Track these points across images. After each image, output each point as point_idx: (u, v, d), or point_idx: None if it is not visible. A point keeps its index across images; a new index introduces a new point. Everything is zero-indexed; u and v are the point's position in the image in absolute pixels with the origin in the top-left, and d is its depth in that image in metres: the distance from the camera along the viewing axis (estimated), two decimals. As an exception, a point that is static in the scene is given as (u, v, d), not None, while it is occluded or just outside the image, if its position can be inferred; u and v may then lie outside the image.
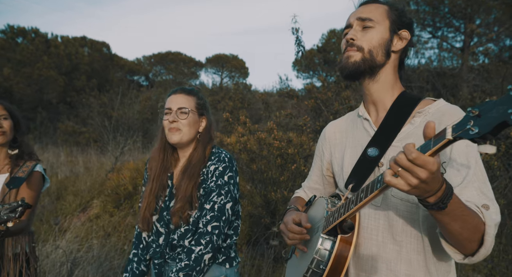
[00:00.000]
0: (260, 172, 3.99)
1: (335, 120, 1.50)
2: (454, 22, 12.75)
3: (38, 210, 6.48)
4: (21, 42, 21.87)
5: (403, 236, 1.14)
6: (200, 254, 1.55)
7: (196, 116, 1.75)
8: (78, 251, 4.02)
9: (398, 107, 1.23)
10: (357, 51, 1.22)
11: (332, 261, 1.10)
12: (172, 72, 29.00)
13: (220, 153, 1.72)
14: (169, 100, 1.76)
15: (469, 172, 1.04)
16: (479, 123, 0.70)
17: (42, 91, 20.25)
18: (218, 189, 1.63)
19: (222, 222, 1.61)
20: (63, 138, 13.26)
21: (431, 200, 0.88)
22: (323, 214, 1.22)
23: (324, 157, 1.45)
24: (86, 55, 23.67)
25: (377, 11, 1.24)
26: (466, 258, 0.99)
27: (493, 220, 0.97)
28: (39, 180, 2.01)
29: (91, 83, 21.75)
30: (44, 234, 4.71)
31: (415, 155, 0.80)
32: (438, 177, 0.84)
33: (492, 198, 1.03)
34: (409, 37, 1.25)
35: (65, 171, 9.15)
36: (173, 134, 1.70)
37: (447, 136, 0.76)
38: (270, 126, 3.77)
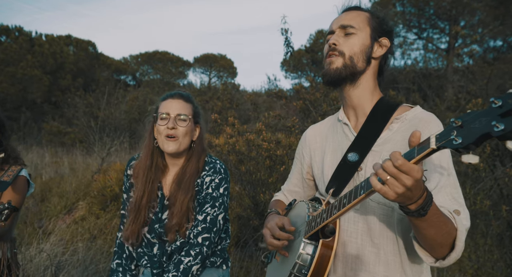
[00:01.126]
0: (248, 173, 3.97)
1: (316, 123, 1.52)
2: (439, 24, 12.98)
3: (22, 212, 6.34)
4: (4, 41, 21.39)
5: (381, 239, 1.17)
6: (188, 266, 1.52)
7: (193, 124, 1.68)
8: (63, 255, 3.93)
9: (377, 113, 1.25)
10: (339, 56, 1.24)
11: (314, 265, 1.11)
12: (159, 72, 28.78)
13: (215, 163, 1.68)
14: (166, 104, 1.65)
15: (441, 177, 1.08)
16: (462, 133, 0.72)
17: (26, 91, 19.85)
18: (212, 201, 1.60)
19: (213, 233, 1.59)
20: (48, 139, 13.01)
21: (412, 207, 0.90)
22: (305, 218, 1.23)
23: (304, 161, 1.46)
24: (71, 54, 23.29)
25: (358, 18, 1.26)
26: (437, 262, 1.03)
27: (464, 226, 1.01)
28: (24, 185, 1.96)
29: (77, 83, 21.40)
30: (28, 237, 4.60)
31: (401, 162, 0.82)
32: (421, 185, 0.87)
33: (463, 204, 1.07)
34: (389, 44, 1.27)
35: (49, 172, 8.98)
36: (170, 143, 1.61)
37: (431, 145, 0.78)
38: (258, 127, 3.76)
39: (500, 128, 0.65)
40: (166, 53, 29.29)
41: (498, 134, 0.66)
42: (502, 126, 0.65)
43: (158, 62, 28.86)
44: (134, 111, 11.80)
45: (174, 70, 29.38)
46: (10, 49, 20.19)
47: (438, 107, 6.43)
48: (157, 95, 14.83)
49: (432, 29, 13.72)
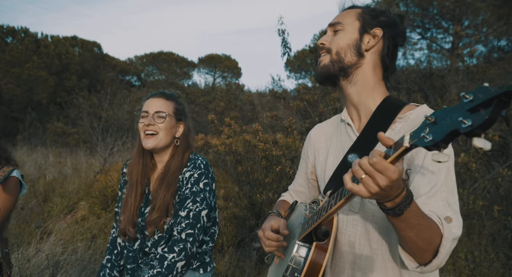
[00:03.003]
0: (246, 173, 3.99)
1: (321, 123, 1.48)
2: (443, 24, 12.89)
3: (25, 212, 6.41)
4: (11, 42, 21.62)
5: (379, 244, 1.13)
6: (173, 262, 1.53)
7: (174, 121, 1.71)
8: (61, 254, 3.98)
9: (381, 112, 1.20)
10: (326, 54, 1.24)
11: (307, 269, 1.08)
12: (164, 72, 28.89)
13: (196, 159, 1.69)
14: (147, 103, 1.71)
15: (438, 181, 1.03)
16: (433, 130, 0.68)
17: (32, 92, 20.03)
18: (193, 196, 1.61)
19: (197, 230, 1.59)
20: (53, 139, 13.13)
21: (389, 205, 0.87)
22: (301, 220, 1.20)
23: (308, 160, 1.43)
24: (76, 55, 23.46)
25: (347, 15, 1.26)
26: (419, 267, 0.99)
27: (452, 234, 0.96)
28: (16, 186, 1.97)
29: (82, 83, 21.56)
30: (27, 237, 4.65)
31: (376, 159, 0.79)
32: (398, 185, 0.83)
33: (457, 211, 1.02)
34: (381, 34, 1.21)
35: (53, 173, 9.06)
36: (148, 140, 1.66)
37: (404, 143, 0.74)
38: (255, 127, 3.77)
39: (467, 124, 0.61)
40: (171, 53, 29.40)
41: (466, 130, 0.62)
42: (470, 121, 0.61)
43: (163, 63, 28.98)
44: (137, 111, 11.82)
45: (178, 71, 29.48)
46: (16, 50, 20.39)
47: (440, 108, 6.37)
48: (160, 95, 14.88)
49: (436, 29, 13.63)
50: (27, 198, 7.02)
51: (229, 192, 4.47)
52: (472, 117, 0.61)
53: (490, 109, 0.59)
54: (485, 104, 0.60)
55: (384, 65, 1.25)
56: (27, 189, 7.60)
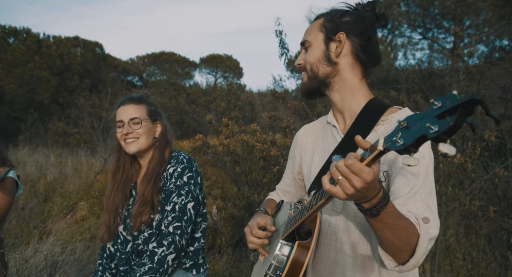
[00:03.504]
0: (244, 174, 3.99)
1: (309, 123, 1.51)
2: (444, 24, 12.86)
3: (25, 212, 6.43)
4: (13, 43, 21.67)
5: (360, 243, 1.15)
6: (163, 256, 1.54)
7: (150, 123, 1.74)
8: (60, 254, 3.99)
9: (365, 115, 1.23)
10: (304, 72, 1.29)
11: (289, 267, 1.09)
12: (166, 72, 28.95)
13: (179, 155, 1.73)
14: (119, 112, 1.73)
15: (417, 183, 1.05)
16: (405, 135, 0.70)
17: (33, 92, 20.09)
18: (177, 190, 1.63)
19: (184, 222, 1.60)
20: (54, 139, 13.17)
21: (366, 205, 0.89)
22: (286, 219, 1.22)
23: (295, 161, 1.46)
24: (78, 55, 23.51)
25: (312, 29, 1.29)
26: (397, 267, 1.01)
27: (429, 234, 0.98)
28: (12, 186, 1.99)
29: (84, 84, 21.61)
30: (27, 237, 4.67)
31: (351, 161, 0.81)
32: (375, 186, 0.85)
33: (435, 212, 1.05)
34: (344, 37, 1.22)
35: (54, 173, 9.09)
36: (130, 146, 1.69)
37: (378, 146, 0.76)
38: (253, 128, 3.78)
39: (434, 130, 0.64)
40: (173, 53, 29.45)
41: (433, 136, 0.64)
42: (437, 127, 0.63)
43: (164, 63, 29.03)
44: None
45: (180, 71, 29.53)
46: (18, 51, 20.46)
47: (440, 108, 6.35)
48: (160, 96, 14.94)
49: (437, 29, 13.60)
50: (28, 198, 7.05)
51: (227, 192, 4.48)
52: (439, 123, 0.63)
53: (456, 116, 0.61)
54: (451, 111, 0.63)
55: (362, 62, 1.25)
56: (28, 189, 7.62)
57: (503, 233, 3.08)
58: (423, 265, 3.39)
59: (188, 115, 13.41)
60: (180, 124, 12.96)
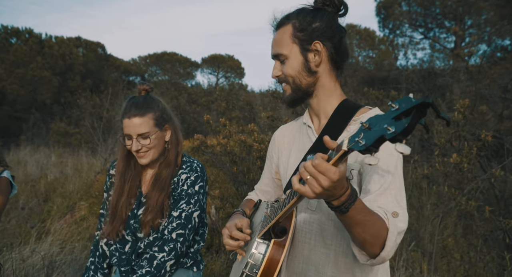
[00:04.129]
0: (242, 174, 4.00)
1: (285, 124, 1.53)
2: (446, 23, 12.82)
3: (25, 212, 6.46)
4: (15, 43, 21.75)
5: (333, 240, 1.19)
6: (162, 261, 1.54)
7: (159, 132, 1.66)
8: (58, 254, 4.00)
9: (338, 115, 1.26)
10: (286, 84, 1.28)
11: (265, 265, 1.13)
12: (168, 73, 28.99)
13: (192, 162, 1.71)
14: (125, 125, 1.62)
15: (386, 180, 1.10)
16: (366, 136, 0.73)
17: (36, 92, 20.17)
18: (187, 198, 1.63)
19: (188, 230, 1.61)
20: (55, 139, 13.22)
21: (335, 203, 0.93)
22: (262, 218, 1.25)
23: (273, 161, 1.49)
24: (80, 55, 23.57)
25: (284, 39, 1.24)
26: (369, 260, 1.05)
27: (398, 228, 1.02)
28: (6, 186, 2.00)
29: (86, 84, 21.67)
30: (25, 237, 4.69)
31: (318, 161, 0.84)
32: (342, 184, 0.89)
33: (404, 207, 1.09)
34: (321, 47, 1.22)
35: (55, 173, 9.12)
36: (142, 159, 1.64)
37: (343, 147, 0.80)
38: (251, 128, 3.78)
39: (391, 131, 0.67)
40: (174, 54, 29.50)
41: (390, 136, 0.68)
42: (393, 128, 0.67)
43: (166, 63, 29.08)
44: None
45: (182, 71, 29.57)
46: (20, 51, 20.54)
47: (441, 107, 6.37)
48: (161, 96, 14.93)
49: (439, 29, 13.57)
50: (28, 198, 7.08)
51: (225, 192, 4.48)
52: (396, 125, 0.67)
53: (410, 118, 0.66)
54: (406, 113, 0.67)
55: (336, 64, 1.28)
56: (28, 189, 7.64)
57: (499, 233, 3.07)
58: (420, 265, 3.38)
59: (189, 115, 13.43)
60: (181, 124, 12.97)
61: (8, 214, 5.96)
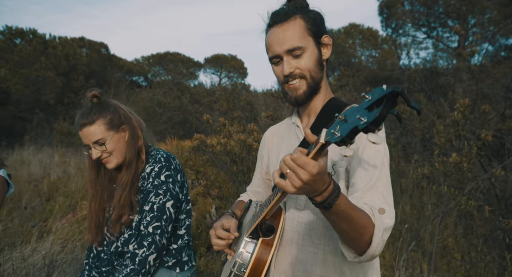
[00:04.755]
0: (242, 173, 4.00)
1: (275, 125, 1.53)
2: (449, 22, 12.76)
3: (27, 211, 6.50)
4: (19, 43, 21.88)
5: (322, 239, 1.18)
6: (144, 257, 1.54)
7: (115, 134, 1.64)
8: (59, 253, 4.02)
9: (325, 114, 1.26)
10: (302, 80, 1.21)
11: (252, 263, 1.13)
12: (171, 73, 29.04)
13: (157, 153, 1.70)
14: (81, 136, 1.65)
15: (373, 176, 1.09)
16: (342, 127, 0.73)
17: (40, 92, 20.27)
18: (155, 189, 1.62)
19: (164, 221, 1.60)
20: (59, 139, 13.29)
21: (318, 199, 0.91)
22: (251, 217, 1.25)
23: (263, 161, 1.49)
24: (84, 55, 23.67)
25: (297, 32, 1.19)
26: (357, 258, 1.03)
27: (384, 224, 1.01)
28: (2, 185, 2.00)
29: (89, 84, 21.75)
30: (27, 236, 4.72)
31: (296, 155, 0.83)
32: (323, 179, 0.87)
33: (390, 203, 1.08)
34: (331, 41, 1.24)
35: (58, 172, 9.17)
36: (108, 164, 1.65)
37: (320, 139, 0.79)
38: (250, 127, 3.78)
39: (364, 121, 0.67)
40: (177, 54, 29.55)
41: (362, 126, 0.68)
42: (365, 119, 0.67)
43: (169, 63, 29.13)
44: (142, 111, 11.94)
45: (185, 71, 29.62)
46: (24, 51, 20.66)
47: (442, 107, 6.34)
48: (164, 96, 14.99)
49: (442, 28, 13.51)
50: (31, 197, 7.12)
51: (225, 191, 4.48)
52: (368, 115, 0.68)
53: (381, 108, 0.66)
54: (378, 102, 0.67)
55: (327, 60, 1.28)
56: (31, 188, 7.67)
57: (499, 233, 3.05)
58: (420, 265, 3.37)
59: (191, 115, 13.44)
60: (183, 124, 13.00)
61: (11, 213, 6.00)
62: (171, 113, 12.45)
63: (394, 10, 12.98)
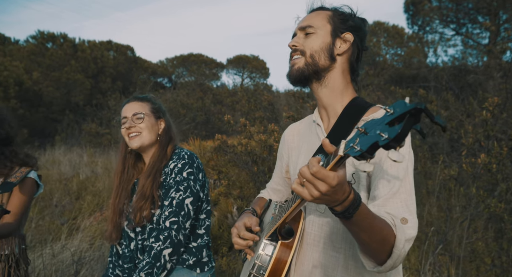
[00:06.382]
0: (262, 173, 4.00)
1: (295, 123, 1.52)
2: (479, 18, 12.29)
3: (58, 209, 6.75)
4: (51, 47, 22.75)
5: (343, 243, 1.16)
6: (159, 250, 1.56)
7: (153, 119, 1.78)
8: (87, 250, 4.15)
9: (347, 114, 1.23)
10: (300, 56, 1.24)
11: (272, 266, 1.12)
12: (194, 74, 29.41)
13: (181, 151, 1.76)
14: (124, 109, 1.80)
15: (396, 184, 1.05)
16: (362, 141, 0.70)
17: (70, 94, 21.00)
18: (176, 185, 1.65)
19: (181, 217, 1.62)
20: (87, 140, 13.72)
21: (338, 209, 0.90)
22: (270, 219, 1.25)
23: (283, 160, 1.48)
24: (111, 58, 24.34)
25: (318, 17, 1.26)
26: (376, 267, 1.01)
27: (406, 235, 0.98)
28: (31, 186, 2.06)
29: (116, 86, 22.38)
30: (57, 233, 4.89)
31: (316, 169, 0.81)
32: (343, 189, 0.85)
33: (413, 212, 1.04)
34: (352, 39, 1.25)
35: (86, 172, 9.47)
36: (133, 140, 1.73)
37: (339, 152, 0.77)
38: (271, 128, 3.77)
39: (384, 137, 0.64)
40: (200, 55, 29.89)
41: (383, 143, 0.65)
42: (386, 134, 0.64)
43: (192, 64, 29.51)
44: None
45: (208, 72, 29.92)
46: (55, 55, 21.46)
47: (472, 106, 6.13)
48: (187, 97, 15.21)
49: (472, 24, 13.03)
50: (61, 196, 7.39)
51: (246, 192, 4.50)
52: (389, 131, 0.64)
53: (402, 124, 0.62)
54: (400, 118, 0.64)
55: (352, 69, 1.28)
56: (62, 187, 7.96)
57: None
58: (448, 269, 3.26)
59: (213, 115, 13.57)
60: (205, 124, 13.14)
61: (42, 211, 6.26)
62: (194, 114, 12.62)
63: (420, 7, 12.63)
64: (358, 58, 1.30)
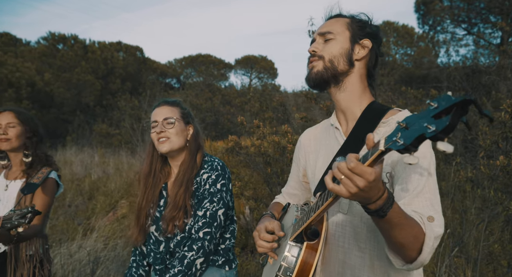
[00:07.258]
0: (275, 175, 4.01)
1: (312, 127, 1.54)
2: (491, 18, 12.14)
3: (71, 210, 6.84)
4: (61, 49, 23.02)
5: (367, 243, 1.17)
6: (192, 260, 1.61)
7: (183, 125, 1.80)
8: (102, 250, 4.20)
9: (366, 117, 1.26)
10: (319, 60, 1.28)
11: (298, 267, 1.13)
12: (202, 74, 29.52)
13: (213, 161, 1.77)
14: (154, 113, 1.81)
15: (420, 182, 1.08)
16: (404, 135, 0.73)
17: (80, 95, 21.22)
18: (210, 197, 1.69)
19: (214, 228, 1.66)
20: (98, 140, 13.85)
21: (372, 207, 0.92)
22: (293, 221, 1.26)
23: (300, 164, 1.50)
24: (121, 59, 24.54)
25: (337, 23, 1.31)
26: (405, 265, 1.03)
27: (434, 232, 1.01)
28: (53, 186, 2.10)
29: (125, 86, 22.58)
30: (72, 233, 4.96)
31: (354, 164, 0.84)
32: (378, 187, 0.88)
33: (439, 210, 1.07)
34: (370, 45, 1.29)
35: (98, 172, 9.56)
36: (162, 144, 1.74)
37: (380, 147, 0.79)
38: (284, 129, 3.78)
39: (432, 129, 0.67)
40: (209, 55, 30.00)
41: (431, 135, 0.67)
42: (434, 127, 0.67)
43: (201, 65, 29.61)
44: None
45: (216, 72, 30.00)
46: (66, 56, 21.71)
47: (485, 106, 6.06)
48: (196, 97, 15.28)
49: (483, 24, 12.89)
50: (74, 196, 7.48)
51: (259, 193, 4.51)
52: (436, 123, 0.67)
53: (450, 116, 0.65)
54: (447, 111, 0.66)
55: (370, 74, 1.32)
56: (74, 188, 8.06)
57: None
58: (464, 271, 3.24)
59: (223, 116, 13.61)
60: (215, 125, 13.18)
61: (56, 211, 6.34)
62: (203, 115, 12.68)
63: (431, 7, 12.53)
64: (376, 64, 1.34)
